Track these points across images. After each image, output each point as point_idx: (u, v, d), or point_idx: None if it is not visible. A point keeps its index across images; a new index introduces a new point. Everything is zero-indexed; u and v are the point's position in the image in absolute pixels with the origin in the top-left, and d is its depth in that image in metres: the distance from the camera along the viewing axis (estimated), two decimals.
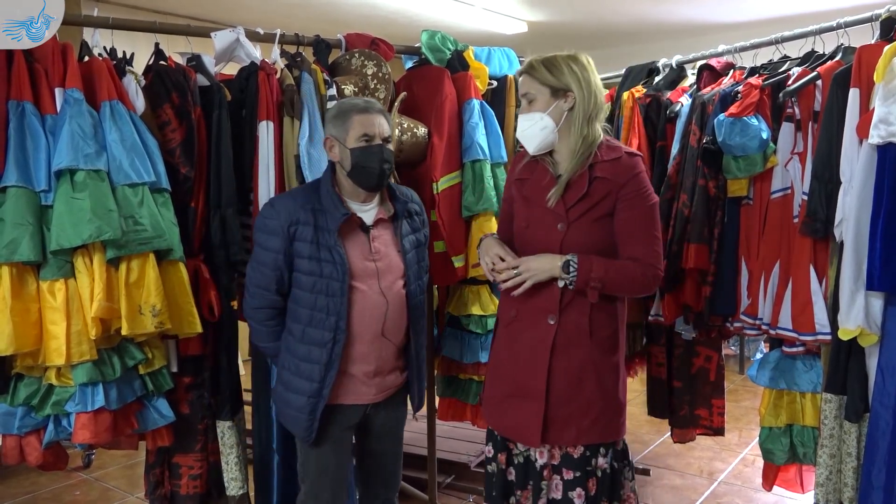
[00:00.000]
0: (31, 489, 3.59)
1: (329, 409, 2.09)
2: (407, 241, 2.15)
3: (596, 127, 1.95)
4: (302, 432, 2.10)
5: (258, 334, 2.17)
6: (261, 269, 2.07)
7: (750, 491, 3.44)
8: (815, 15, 5.03)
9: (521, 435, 2.00)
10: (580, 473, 1.96)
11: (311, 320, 2.05)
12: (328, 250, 2.02)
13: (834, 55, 2.35)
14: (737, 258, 2.53)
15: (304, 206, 2.04)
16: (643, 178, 1.95)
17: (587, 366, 1.94)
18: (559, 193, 1.93)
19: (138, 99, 2.17)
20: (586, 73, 1.94)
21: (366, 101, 2.10)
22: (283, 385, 2.12)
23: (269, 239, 2.05)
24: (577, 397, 1.94)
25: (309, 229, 2.03)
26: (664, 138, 2.79)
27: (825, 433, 2.22)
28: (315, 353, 2.04)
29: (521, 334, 1.99)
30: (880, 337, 2.06)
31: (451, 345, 2.90)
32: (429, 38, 2.82)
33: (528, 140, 1.97)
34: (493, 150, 2.75)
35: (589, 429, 1.94)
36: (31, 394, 2.02)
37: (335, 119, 2.08)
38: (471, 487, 3.41)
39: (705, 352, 2.89)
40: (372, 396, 2.14)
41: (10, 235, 1.91)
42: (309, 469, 2.16)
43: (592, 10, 5.55)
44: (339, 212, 2.03)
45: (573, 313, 1.93)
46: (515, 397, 1.99)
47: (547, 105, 1.93)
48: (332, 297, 2.02)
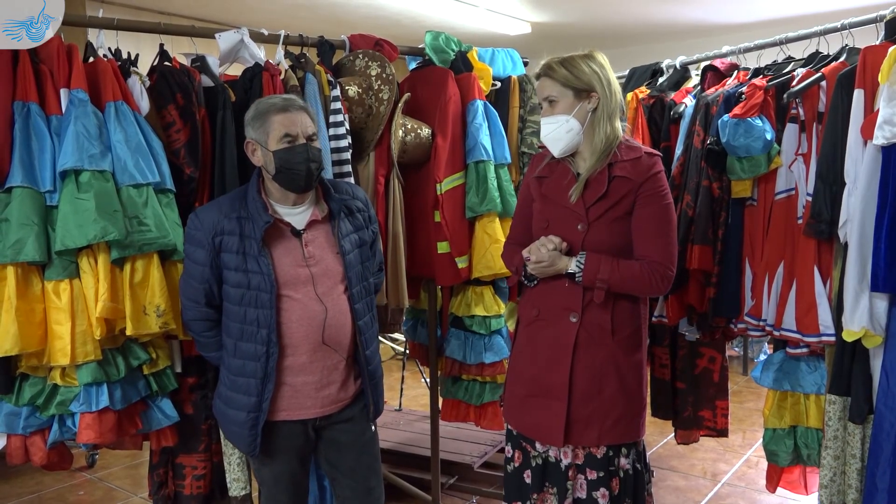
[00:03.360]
0: (36, 489, 3.60)
1: (274, 425, 2.00)
2: (347, 242, 2.03)
3: (617, 125, 1.95)
4: (245, 448, 2.02)
5: (199, 345, 2.09)
6: (189, 282, 2.00)
7: (753, 493, 3.43)
8: (819, 16, 5.03)
9: (543, 434, 1.98)
10: (603, 473, 1.95)
11: (243, 334, 1.96)
12: (254, 260, 1.93)
13: (838, 56, 2.35)
14: (741, 259, 2.52)
15: (228, 215, 1.95)
16: (661, 178, 1.94)
17: (609, 364, 1.93)
18: (580, 191, 1.92)
19: (143, 100, 2.18)
20: (605, 71, 1.93)
21: (284, 98, 2.00)
22: (222, 400, 2.04)
23: (195, 251, 1.97)
24: (599, 396, 1.93)
25: (234, 239, 1.94)
26: (668, 139, 2.79)
27: (829, 435, 2.21)
28: (249, 368, 1.96)
29: (542, 333, 1.99)
30: (884, 338, 2.06)
31: (454, 346, 2.89)
32: (433, 38, 2.82)
33: (554, 143, 1.95)
34: (496, 150, 2.75)
35: (611, 429, 1.94)
36: (36, 394, 2.03)
37: (254, 121, 1.97)
38: (474, 488, 3.40)
39: (709, 353, 2.88)
40: (319, 410, 2.03)
41: (16, 236, 1.91)
42: (263, 477, 2.10)
43: (596, 10, 5.55)
44: (262, 219, 1.93)
45: (595, 311, 1.93)
46: (537, 396, 1.98)
47: (571, 107, 1.92)
48: (262, 309, 1.93)
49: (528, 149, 2.86)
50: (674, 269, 1.95)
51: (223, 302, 2.01)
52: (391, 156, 2.61)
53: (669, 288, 1.97)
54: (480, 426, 2.99)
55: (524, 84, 2.93)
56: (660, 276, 1.92)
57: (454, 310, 2.91)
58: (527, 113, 2.90)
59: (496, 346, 2.85)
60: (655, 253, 1.92)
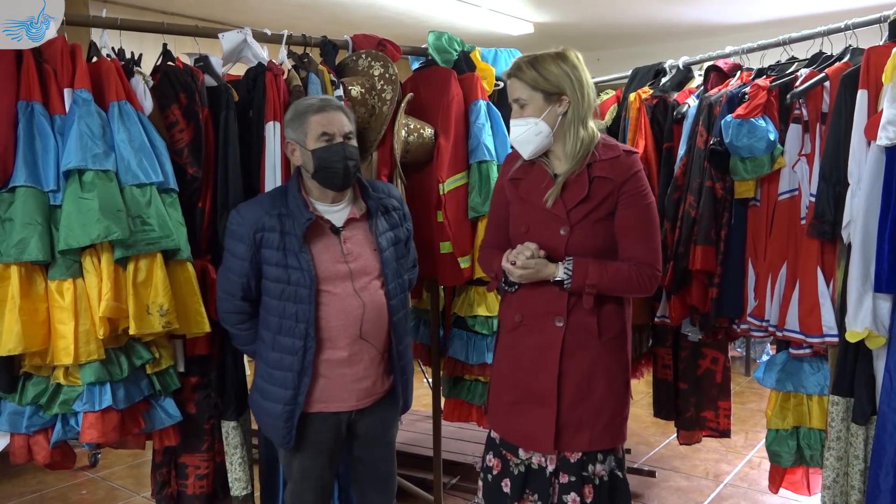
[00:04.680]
0: (39, 488, 3.61)
1: (309, 417, 2.06)
2: (383, 239, 2.10)
3: (591, 126, 1.91)
4: (280, 440, 2.07)
5: (235, 338, 2.18)
6: (227, 275, 2.07)
7: (756, 493, 3.42)
8: (822, 16, 5.02)
9: (532, 442, 1.95)
10: (575, 478, 1.93)
11: (281, 328, 2.02)
12: (295, 256, 1.99)
13: (842, 56, 2.34)
14: (744, 260, 2.52)
15: (270, 211, 2.02)
16: (641, 177, 1.92)
17: (597, 367, 1.91)
18: (556, 193, 1.89)
19: (146, 99, 2.18)
20: (577, 72, 1.88)
21: (321, 98, 2.05)
22: (259, 392, 2.10)
23: (236, 246, 2.04)
24: (588, 400, 1.91)
25: (275, 235, 2.00)
26: (671, 139, 2.79)
27: (832, 436, 2.21)
28: (287, 361, 2.01)
29: (526, 338, 1.96)
30: (888, 339, 2.06)
31: (457, 345, 2.89)
32: (435, 39, 2.82)
33: (523, 145, 1.93)
34: (499, 150, 2.75)
35: (602, 433, 1.92)
36: (39, 393, 2.03)
37: (292, 122, 2.04)
38: (476, 488, 3.39)
39: (711, 353, 2.88)
40: (354, 403, 2.09)
41: (20, 235, 1.92)
42: (291, 472, 2.15)
43: (599, 10, 5.54)
44: (304, 216, 2.00)
45: (581, 314, 1.90)
46: (524, 403, 1.95)
47: (541, 110, 1.88)
48: (301, 305, 1.99)
49: None
50: (661, 267, 1.94)
51: (262, 296, 2.06)
52: (394, 156, 2.61)
53: (656, 287, 1.96)
54: (483, 426, 2.98)
55: None
56: (647, 276, 1.90)
57: (456, 310, 2.91)
58: None
59: None
60: (642, 253, 1.90)
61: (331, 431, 2.10)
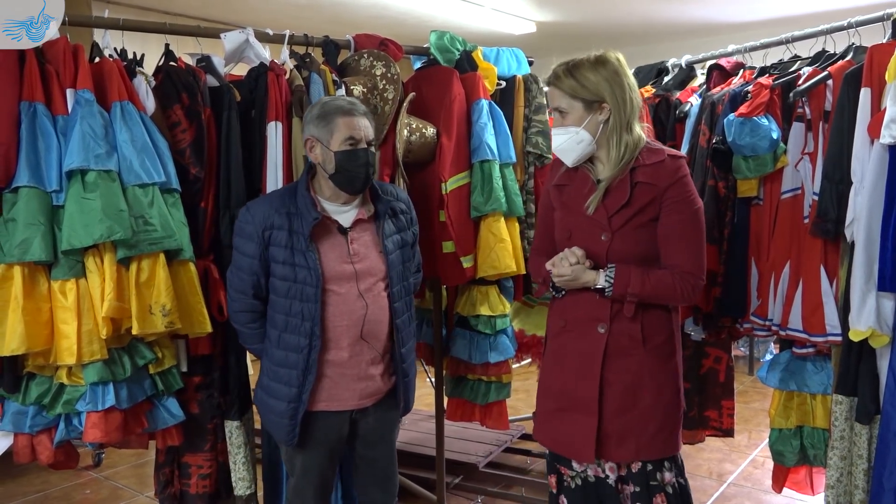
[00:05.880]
0: (42, 487, 3.61)
1: (312, 415, 2.07)
2: (390, 242, 2.10)
3: (636, 130, 1.86)
4: (284, 437, 2.09)
5: (243, 336, 2.18)
6: (238, 274, 2.08)
7: (760, 493, 3.42)
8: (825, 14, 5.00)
9: (572, 450, 1.91)
10: (640, 488, 1.89)
11: (287, 326, 2.03)
12: (302, 255, 2.00)
13: (845, 55, 2.34)
14: (747, 259, 2.52)
15: (278, 210, 2.02)
16: (688, 182, 1.86)
17: (643, 375, 1.85)
18: (598, 199, 1.85)
19: (148, 100, 2.18)
20: (618, 77, 1.83)
21: (350, 101, 2.05)
22: (264, 390, 2.12)
23: (246, 244, 2.04)
24: (634, 409, 1.85)
25: (283, 234, 2.01)
26: (673, 138, 2.79)
27: (836, 435, 2.20)
28: (292, 359, 2.03)
29: (570, 345, 1.92)
30: (891, 338, 2.05)
31: (459, 345, 2.89)
32: (437, 38, 2.82)
33: (565, 154, 1.89)
34: (501, 150, 2.75)
35: (649, 443, 1.86)
36: (43, 393, 2.04)
37: (318, 119, 2.03)
38: (479, 488, 3.41)
39: (715, 353, 2.88)
40: (356, 402, 2.11)
41: (22, 235, 1.92)
42: (293, 467, 2.17)
43: (601, 9, 5.54)
44: (311, 215, 2.00)
45: (624, 321, 1.85)
46: (566, 411, 1.91)
47: (581, 119, 1.84)
48: (307, 303, 2.00)
49: (532, 148, 2.85)
50: (704, 277, 1.88)
51: (270, 294, 2.07)
52: (396, 155, 2.61)
53: (698, 297, 1.89)
54: (485, 426, 2.98)
55: (529, 83, 2.92)
56: (691, 286, 1.84)
57: (459, 309, 2.91)
58: (532, 112, 2.89)
59: (501, 345, 2.85)
60: (685, 262, 1.84)
61: (333, 430, 2.12)
